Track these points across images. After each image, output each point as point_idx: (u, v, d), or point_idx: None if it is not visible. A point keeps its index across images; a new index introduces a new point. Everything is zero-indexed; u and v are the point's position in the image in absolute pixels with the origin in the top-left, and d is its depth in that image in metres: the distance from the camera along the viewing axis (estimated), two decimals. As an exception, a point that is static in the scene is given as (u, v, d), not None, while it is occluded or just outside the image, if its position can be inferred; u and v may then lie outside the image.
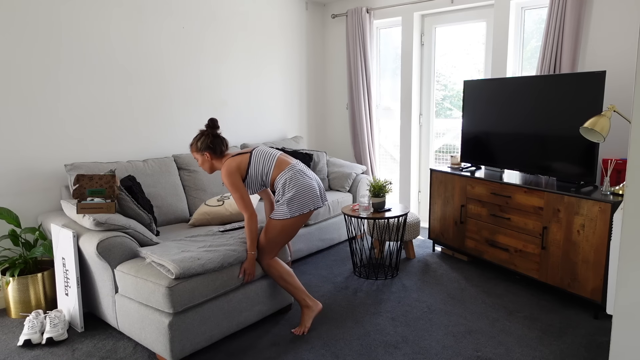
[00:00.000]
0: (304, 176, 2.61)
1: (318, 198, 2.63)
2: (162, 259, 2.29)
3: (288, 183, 2.56)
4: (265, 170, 2.61)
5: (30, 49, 2.95)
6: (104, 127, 3.35)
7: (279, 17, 4.61)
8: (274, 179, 2.62)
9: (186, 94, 3.85)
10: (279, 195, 2.60)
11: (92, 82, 3.26)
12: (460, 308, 2.88)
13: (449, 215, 3.72)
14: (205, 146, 2.61)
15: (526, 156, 3.26)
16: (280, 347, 2.45)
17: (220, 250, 2.44)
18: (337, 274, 3.47)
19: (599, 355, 2.34)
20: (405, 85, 4.52)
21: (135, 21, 3.45)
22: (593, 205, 2.68)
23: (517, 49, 3.83)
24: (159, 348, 2.25)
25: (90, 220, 2.47)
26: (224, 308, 2.42)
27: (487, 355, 2.35)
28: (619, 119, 3.20)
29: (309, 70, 5.03)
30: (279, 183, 2.59)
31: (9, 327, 2.69)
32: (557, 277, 2.93)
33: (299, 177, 2.58)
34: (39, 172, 3.06)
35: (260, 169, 2.60)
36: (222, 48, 4.08)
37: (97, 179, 2.64)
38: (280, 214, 2.55)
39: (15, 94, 2.91)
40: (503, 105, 3.39)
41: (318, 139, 5.29)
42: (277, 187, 2.60)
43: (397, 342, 2.49)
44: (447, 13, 4.26)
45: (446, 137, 4.51)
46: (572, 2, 3.21)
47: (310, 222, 3.74)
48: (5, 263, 2.82)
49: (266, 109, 4.59)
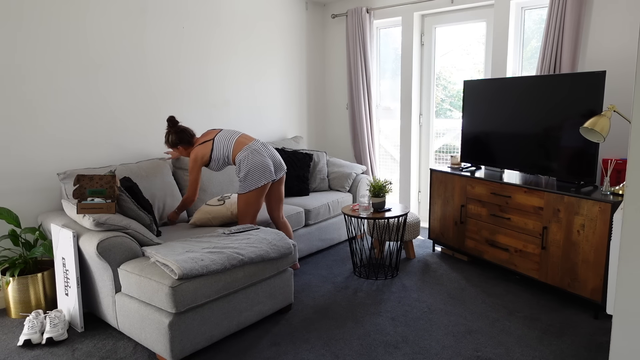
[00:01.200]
0: (257, 154, 3.05)
1: (270, 172, 3.07)
2: (166, 259, 2.29)
3: (243, 162, 3.03)
4: (225, 152, 3.08)
5: (31, 50, 2.95)
6: (105, 127, 3.35)
7: (279, 17, 4.61)
8: (234, 159, 3.09)
9: (186, 94, 3.85)
10: (237, 171, 3.08)
11: (93, 83, 3.25)
12: (460, 308, 2.88)
13: (449, 215, 3.72)
14: (175, 142, 3.13)
15: (526, 156, 3.26)
16: (280, 347, 2.45)
17: (225, 252, 2.44)
18: (337, 274, 3.47)
19: (599, 355, 2.35)
20: (405, 86, 4.52)
21: (136, 21, 3.45)
22: (593, 205, 2.68)
23: (517, 49, 3.83)
24: (159, 348, 2.25)
25: (90, 221, 2.47)
26: (224, 308, 2.42)
27: (487, 355, 2.35)
28: (619, 119, 3.20)
29: (309, 70, 5.03)
30: (237, 160, 3.06)
31: (9, 327, 2.69)
32: (557, 277, 2.93)
33: (253, 156, 3.04)
34: (39, 172, 3.06)
35: (221, 152, 3.08)
36: (222, 48, 4.08)
37: (98, 179, 2.64)
38: (240, 189, 3.06)
39: (15, 94, 2.91)
40: (503, 105, 3.39)
41: (318, 139, 5.29)
42: (237, 163, 3.07)
43: (397, 342, 2.49)
44: (447, 13, 4.26)
45: (446, 137, 4.51)
46: (572, 2, 3.21)
47: (310, 222, 3.75)
48: (5, 263, 2.82)
49: (266, 109, 4.59)
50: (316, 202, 3.83)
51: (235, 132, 3.16)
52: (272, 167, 3.11)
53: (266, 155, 3.10)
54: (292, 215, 3.56)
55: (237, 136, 3.12)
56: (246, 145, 3.07)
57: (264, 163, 3.04)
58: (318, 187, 4.22)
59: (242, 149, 3.06)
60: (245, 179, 3.01)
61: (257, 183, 3.01)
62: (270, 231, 2.82)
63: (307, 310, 2.87)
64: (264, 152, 3.10)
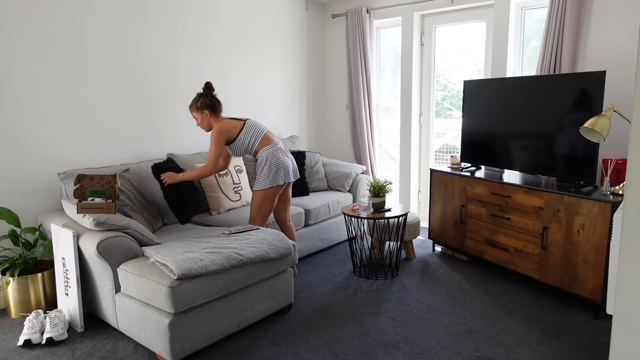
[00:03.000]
0: (282, 154, 3.09)
1: (290, 174, 3.12)
2: (166, 259, 2.29)
3: (269, 157, 3.04)
4: (252, 140, 3.05)
5: (31, 51, 2.95)
6: (105, 127, 3.35)
7: (279, 17, 4.61)
8: (258, 151, 3.08)
9: (186, 93, 3.85)
10: (260, 166, 3.06)
11: (93, 83, 3.25)
12: (460, 308, 2.88)
13: (449, 215, 3.72)
14: (204, 105, 3.02)
15: (526, 156, 3.26)
16: (280, 347, 2.45)
17: (224, 253, 2.44)
18: (337, 274, 3.47)
19: (599, 355, 2.35)
20: (405, 85, 4.52)
21: (136, 21, 3.45)
22: (593, 205, 2.68)
23: (517, 49, 3.83)
24: (159, 348, 2.25)
25: (90, 220, 2.47)
26: (224, 308, 2.42)
27: (487, 355, 2.35)
28: (619, 119, 3.20)
29: (309, 70, 5.03)
30: (262, 155, 3.06)
31: (9, 327, 2.69)
32: (557, 277, 2.93)
33: (278, 155, 3.07)
34: (39, 172, 3.06)
35: (248, 139, 3.05)
36: (222, 47, 4.08)
37: (98, 179, 2.65)
38: (259, 185, 3.04)
39: (16, 94, 2.91)
40: (503, 105, 3.39)
41: (318, 139, 5.29)
42: (260, 158, 3.06)
43: (397, 342, 2.49)
44: (447, 13, 4.26)
45: (446, 137, 4.51)
46: (572, 2, 3.21)
47: (310, 222, 3.75)
48: (5, 263, 2.82)
49: (266, 108, 4.59)
50: (316, 202, 3.83)
51: (263, 125, 3.16)
52: (292, 169, 3.16)
53: (289, 158, 3.17)
54: (292, 216, 3.56)
55: (265, 130, 3.12)
56: (273, 142, 3.09)
57: (286, 163, 3.09)
58: (317, 187, 4.22)
59: (269, 144, 3.07)
60: (267, 175, 3.02)
61: (277, 181, 3.04)
62: (270, 231, 2.82)
63: (307, 310, 2.87)
64: (288, 154, 3.17)
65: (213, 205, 3.50)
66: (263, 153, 3.05)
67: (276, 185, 3.05)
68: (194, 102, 3.04)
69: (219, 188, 3.53)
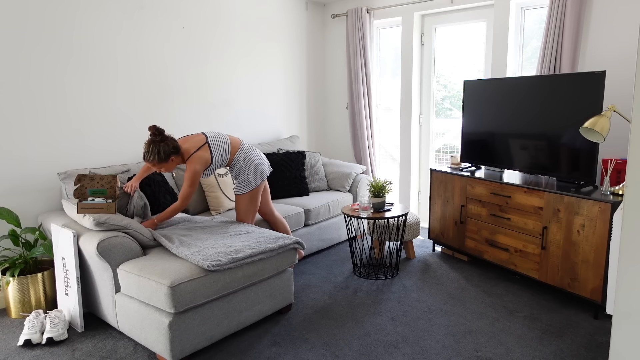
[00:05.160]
0: (254, 151, 3.07)
1: (268, 167, 3.13)
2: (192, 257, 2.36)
3: (247, 159, 3.00)
4: (224, 153, 2.95)
5: (31, 51, 2.95)
6: (105, 127, 3.35)
7: (279, 17, 4.61)
8: (232, 158, 3.00)
9: (186, 93, 3.85)
10: (239, 171, 3.00)
11: (93, 83, 3.25)
12: (460, 308, 2.88)
13: (449, 215, 3.72)
14: (167, 153, 2.68)
15: (526, 156, 3.26)
16: (280, 347, 2.45)
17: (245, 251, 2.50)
18: (337, 274, 3.47)
19: (599, 355, 2.35)
20: (405, 85, 4.52)
21: (135, 21, 3.45)
22: (593, 205, 2.68)
23: (517, 49, 3.83)
24: (159, 348, 2.25)
25: (90, 220, 2.47)
26: (224, 308, 2.42)
27: (487, 355, 2.36)
28: (619, 119, 3.20)
29: (309, 70, 5.03)
30: (238, 159, 3.00)
31: (9, 327, 2.69)
32: (557, 277, 2.93)
33: (251, 153, 3.05)
34: (39, 172, 3.06)
35: (221, 154, 2.93)
36: (222, 48, 4.08)
37: (99, 179, 2.65)
38: (243, 188, 3.01)
39: (16, 95, 2.91)
40: (503, 105, 3.39)
41: (318, 139, 5.29)
42: (238, 162, 2.99)
43: (397, 342, 2.49)
44: (447, 13, 4.26)
45: (446, 137, 4.51)
46: (572, 2, 3.21)
47: (310, 222, 3.75)
48: (6, 263, 2.82)
49: (266, 108, 4.59)
50: (316, 202, 3.83)
51: (220, 132, 3.09)
52: (266, 160, 3.16)
53: (257, 150, 3.14)
54: (292, 216, 3.56)
55: (226, 136, 3.01)
56: (240, 142, 3.06)
57: (262, 159, 3.10)
58: (317, 187, 4.22)
59: (239, 147, 3.03)
60: (254, 175, 3.01)
61: (262, 177, 3.06)
62: (267, 230, 2.83)
63: (307, 310, 2.87)
64: (256, 149, 3.14)
65: (213, 205, 3.50)
66: (239, 157, 3.00)
67: (261, 182, 3.06)
68: (153, 155, 2.64)
69: (219, 188, 3.53)
